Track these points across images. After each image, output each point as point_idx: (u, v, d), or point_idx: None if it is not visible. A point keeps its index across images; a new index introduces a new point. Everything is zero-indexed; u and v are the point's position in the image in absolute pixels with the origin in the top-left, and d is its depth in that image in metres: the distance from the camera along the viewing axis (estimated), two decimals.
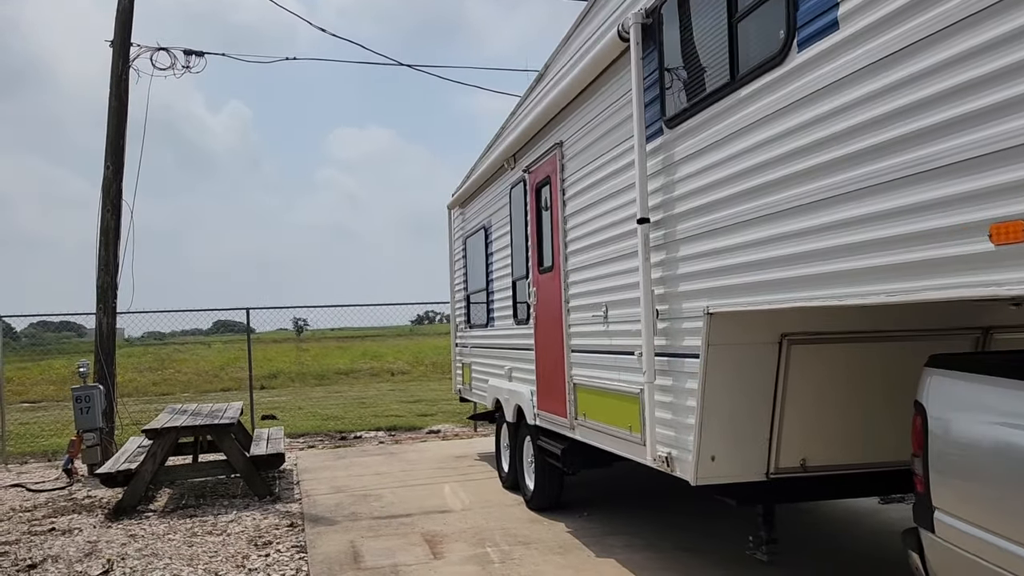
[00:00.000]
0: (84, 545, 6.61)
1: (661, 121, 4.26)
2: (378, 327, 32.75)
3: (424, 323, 58.57)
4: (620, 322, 4.91)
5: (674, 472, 4.22)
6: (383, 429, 13.35)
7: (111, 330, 11.20)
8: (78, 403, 9.66)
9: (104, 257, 11.14)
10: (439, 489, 8.22)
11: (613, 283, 4.99)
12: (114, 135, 11.24)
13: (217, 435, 8.13)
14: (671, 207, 4.18)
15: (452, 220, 10.44)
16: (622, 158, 4.79)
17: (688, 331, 4.05)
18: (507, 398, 7.64)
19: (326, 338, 42.56)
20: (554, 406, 6.24)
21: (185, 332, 55.36)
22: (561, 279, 5.95)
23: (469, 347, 9.59)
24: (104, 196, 11.19)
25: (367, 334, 40.60)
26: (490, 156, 8.28)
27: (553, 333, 6.22)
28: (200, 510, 7.75)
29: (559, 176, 5.98)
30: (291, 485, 8.81)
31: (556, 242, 6.07)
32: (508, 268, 7.60)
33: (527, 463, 7.36)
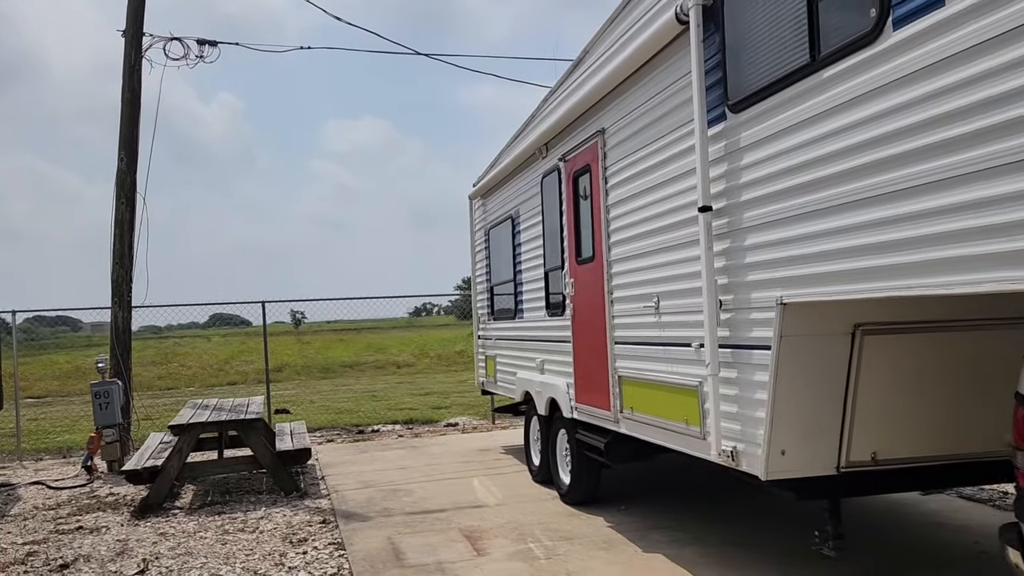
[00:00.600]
0: (114, 544, 6.50)
1: (724, 106, 4.13)
2: (376, 319, 32.67)
3: (422, 315, 58.67)
4: (674, 313, 4.80)
5: (740, 467, 4.11)
6: (400, 422, 13.25)
7: (127, 324, 11.07)
8: (97, 399, 9.54)
9: (119, 250, 11.00)
10: (468, 483, 8.12)
11: (665, 273, 4.87)
12: (127, 126, 11.09)
13: (244, 430, 8.01)
14: (736, 194, 4.06)
15: (473, 211, 10.30)
16: (677, 144, 4.66)
17: (756, 322, 3.94)
18: (539, 391, 7.52)
19: (323, 330, 42.45)
20: (595, 399, 6.12)
21: (182, 326, 55.07)
22: (604, 269, 5.83)
23: (493, 339, 9.47)
24: (118, 188, 11.04)
25: (364, 326, 40.51)
26: (518, 145, 8.14)
27: (593, 325, 6.10)
28: (227, 507, 7.63)
29: (600, 164, 5.85)
30: (316, 480, 8.70)
31: (597, 232, 5.95)
32: (540, 259, 7.47)
33: (561, 456, 7.25)
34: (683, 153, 4.57)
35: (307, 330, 44.33)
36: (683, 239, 4.62)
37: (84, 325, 53.00)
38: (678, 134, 4.63)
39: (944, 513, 6.28)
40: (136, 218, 11.13)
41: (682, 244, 4.64)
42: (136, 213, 11.12)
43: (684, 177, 4.57)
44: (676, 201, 4.69)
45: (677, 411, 4.76)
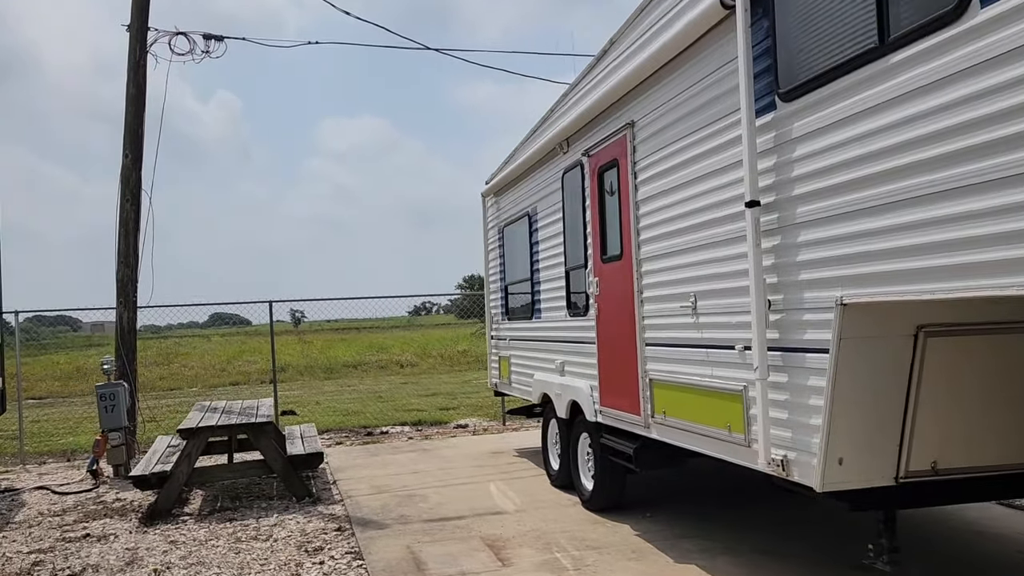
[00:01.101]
0: (123, 553, 6.27)
1: (774, 95, 3.91)
2: (375, 318, 32.45)
3: (421, 314, 58.48)
4: (714, 314, 4.57)
5: (791, 477, 3.89)
6: (408, 424, 13.02)
7: (132, 325, 10.84)
8: (103, 401, 9.30)
9: (124, 249, 10.77)
10: (484, 488, 7.89)
11: (704, 272, 4.65)
12: (133, 122, 10.86)
13: (254, 434, 7.79)
14: (788, 188, 3.84)
15: (487, 209, 10.08)
16: (718, 136, 4.44)
17: (810, 323, 3.71)
18: (559, 393, 7.30)
19: (322, 330, 42.20)
20: (622, 403, 5.90)
21: (182, 325, 54.82)
22: (633, 268, 5.60)
23: (507, 340, 9.25)
24: (123, 186, 10.81)
25: (364, 325, 40.25)
26: (535, 141, 7.92)
27: (621, 326, 5.88)
28: (238, 513, 7.41)
29: (630, 159, 5.63)
30: (327, 485, 8.47)
31: (625, 229, 5.72)
32: (560, 257, 7.24)
33: (583, 461, 7.03)
34: (725, 145, 4.35)
35: (306, 329, 44.10)
36: (725, 236, 4.40)
37: (84, 325, 52.80)
38: (719, 125, 4.41)
39: (982, 521, 6.06)
40: (141, 216, 10.90)
41: (723, 241, 4.42)
42: (141, 211, 10.89)
43: (726, 171, 4.35)
44: (717, 196, 4.46)
45: (717, 417, 4.53)
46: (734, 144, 4.24)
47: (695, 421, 4.82)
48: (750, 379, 4.18)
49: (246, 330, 48.60)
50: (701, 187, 4.64)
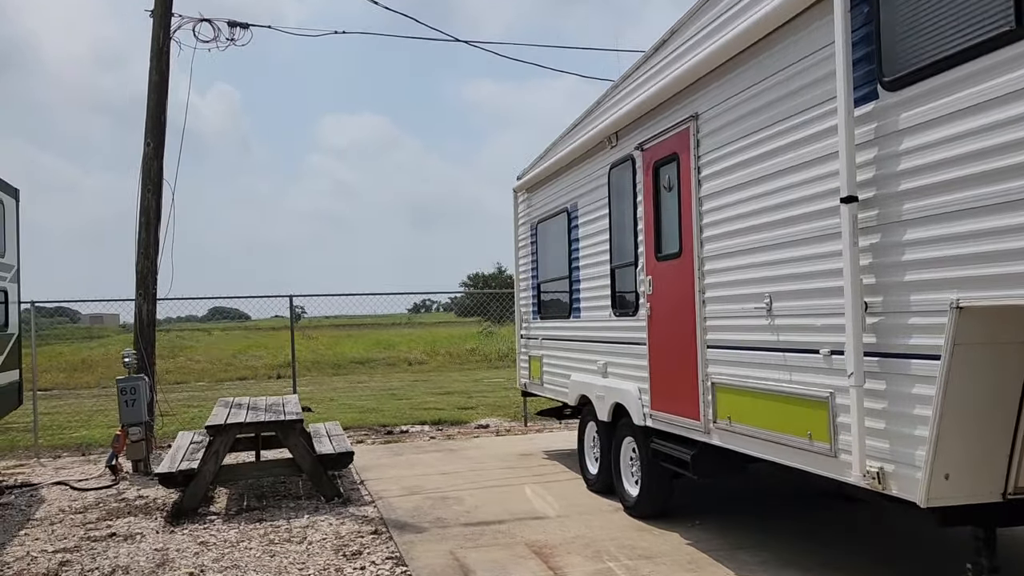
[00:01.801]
0: (152, 554, 6.04)
1: (876, 83, 3.67)
2: (378, 315, 32.16)
3: (420, 311, 58.23)
4: (794, 315, 4.33)
5: (887, 490, 3.65)
6: (428, 423, 12.79)
7: (151, 318, 10.60)
8: (123, 395, 9.07)
9: (144, 240, 10.53)
10: (519, 492, 7.66)
11: (783, 271, 4.41)
12: (155, 110, 10.61)
13: (283, 432, 7.55)
14: (891, 183, 3.60)
15: (517, 205, 9.83)
16: (804, 128, 4.19)
17: (917, 328, 3.48)
18: (601, 395, 7.06)
19: (322, 326, 41.97)
20: (678, 407, 5.66)
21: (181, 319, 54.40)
22: (694, 267, 5.36)
23: (540, 340, 9.01)
24: (144, 175, 10.56)
25: (364, 322, 40.00)
26: (577, 136, 7.68)
27: (678, 327, 5.64)
28: (267, 513, 7.18)
29: (692, 153, 5.39)
30: (355, 485, 8.24)
31: (685, 226, 5.49)
32: (604, 255, 7.00)
33: (626, 466, 6.80)
34: (813, 138, 4.11)
35: (307, 325, 43.84)
36: (809, 233, 4.16)
37: (83, 316, 52.58)
38: (806, 116, 4.17)
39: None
40: (162, 207, 10.66)
41: (807, 239, 4.18)
42: (163, 202, 10.65)
43: (813, 164, 4.11)
44: (801, 191, 4.22)
45: (796, 424, 4.30)
46: (824, 136, 4.00)
47: (767, 428, 4.58)
48: (839, 385, 3.95)
49: (245, 325, 48.39)
50: (781, 182, 4.40)
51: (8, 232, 9.19)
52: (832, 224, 3.94)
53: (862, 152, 3.74)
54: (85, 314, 53.39)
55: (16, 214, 9.56)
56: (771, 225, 4.50)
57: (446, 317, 51.47)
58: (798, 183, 4.24)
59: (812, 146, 4.12)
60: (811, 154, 4.13)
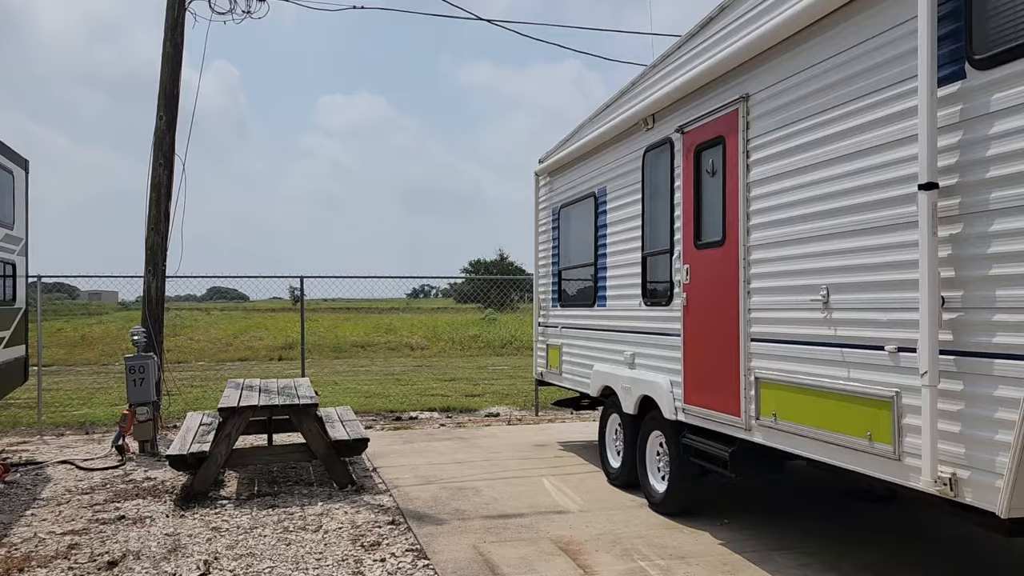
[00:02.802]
0: (163, 539, 5.82)
1: (963, 62, 3.42)
2: (377, 299, 31.87)
3: (420, 296, 57.97)
4: (855, 309, 4.10)
5: (961, 498, 3.43)
6: (436, 410, 12.57)
7: (160, 295, 10.37)
8: (132, 374, 8.84)
9: (155, 215, 10.28)
10: (538, 484, 7.44)
11: (843, 262, 4.17)
12: (168, 83, 10.34)
13: (297, 416, 7.32)
14: (978, 170, 3.36)
15: (538, 189, 9.58)
16: (875, 110, 3.95)
17: (1002, 325, 3.24)
18: (627, 387, 6.83)
19: (320, 308, 41.72)
20: (715, 401, 5.44)
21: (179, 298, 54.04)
22: (739, 255, 5.12)
23: (559, 328, 8.78)
24: (155, 149, 10.30)
25: (362, 306, 39.70)
26: (609, 118, 7.42)
27: (717, 318, 5.41)
28: (279, 499, 6.96)
29: (741, 136, 5.14)
30: (368, 472, 8.02)
31: (731, 213, 5.24)
32: (636, 242, 6.76)
33: (652, 461, 6.58)
34: (887, 120, 3.86)
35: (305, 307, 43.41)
36: (877, 222, 3.92)
37: (81, 293, 52.28)
38: (879, 97, 3.92)
39: None
40: (173, 182, 10.40)
41: (875, 228, 3.94)
42: (174, 177, 10.39)
43: (886, 149, 3.86)
44: (869, 177, 3.98)
45: (854, 424, 4.07)
46: (899, 119, 3.76)
47: (819, 426, 4.35)
48: (906, 384, 3.72)
49: (244, 306, 48.12)
50: (845, 167, 4.15)
51: (17, 204, 8.93)
52: (905, 213, 3.71)
53: (945, 136, 3.50)
54: (84, 290, 53.12)
55: (25, 186, 9.30)
56: (832, 213, 4.26)
57: (445, 303, 51.30)
58: (866, 168, 4.00)
59: (884, 129, 3.87)
60: (883, 138, 3.88)
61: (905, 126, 3.70)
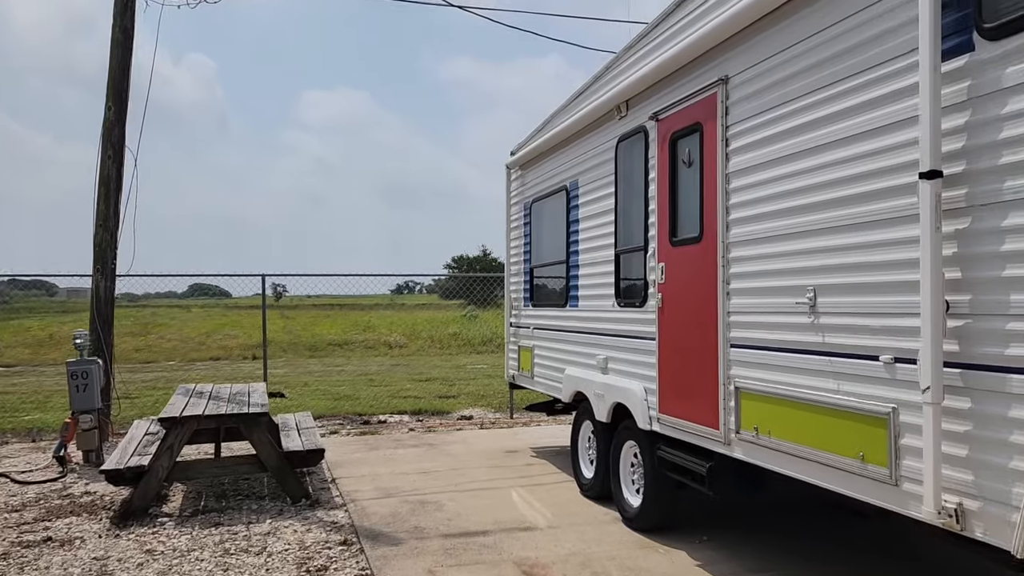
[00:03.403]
0: (89, 564, 5.30)
1: (972, 31, 2.97)
2: (359, 295, 31.38)
3: (404, 292, 57.36)
4: (846, 314, 3.65)
5: (970, 532, 2.99)
6: (407, 412, 12.07)
7: (110, 295, 9.80)
8: (74, 380, 8.29)
9: (103, 211, 9.72)
10: (506, 496, 6.98)
11: (832, 260, 3.72)
12: (118, 71, 9.77)
13: (247, 426, 6.81)
14: (988, 155, 2.91)
15: (510, 182, 9.10)
16: (869, 89, 3.50)
17: (1017, 335, 2.80)
18: (600, 394, 6.38)
19: (303, 305, 41.08)
20: (693, 412, 4.99)
21: (160, 295, 52.99)
22: (718, 253, 4.67)
23: (531, 328, 8.31)
24: (104, 140, 9.74)
25: (345, 302, 39.11)
26: (581, 106, 6.95)
27: (694, 321, 4.96)
28: (225, 516, 6.45)
29: (719, 122, 4.68)
30: (325, 484, 7.53)
31: (709, 206, 4.79)
32: (609, 238, 6.30)
33: (626, 472, 6.14)
34: (883, 100, 3.41)
35: (286, 304, 42.90)
36: (871, 216, 3.47)
37: (60, 290, 51.27)
38: (874, 75, 3.47)
39: None
40: (124, 176, 9.83)
41: (869, 223, 3.49)
42: (124, 170, 9.82)
43: (881, 133, 3.41)
44: (862, 165, 3.53)
45: (844, 443, 3.63)
46: (897, 98, 3.31)
47: (804, 443, 3.91)
48: (905, 400, 3.27)
49: (226, 303, 47.35)
50: (835, 154, 3.70)
51: None
52: (903, 205, 3.26)
53: (950, 117, 3.05)
54: (63, 288, 51.99)
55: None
56: (820, 206, 3.81)
57: (429, 299, 50.82)
58: (860, 155, 3.55)
59: (881, 110, 3.42)
60: (879, 120, 3.43)
61: (905, 106, 3.25)
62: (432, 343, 29.04)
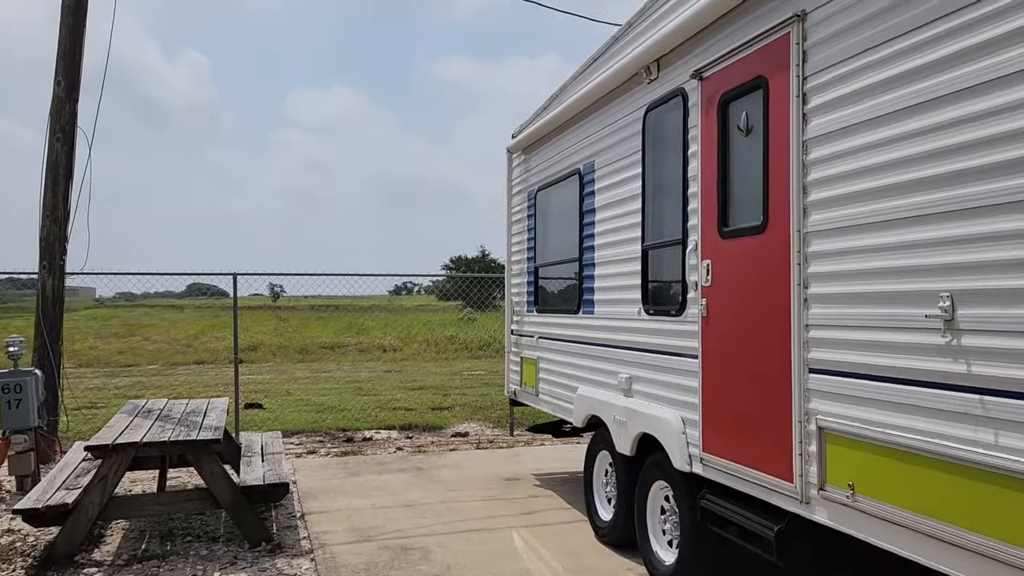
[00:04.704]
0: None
1: None
2: (355, 296, 30.34)
3: (402, 293, 56.33)
4: (1003, 332, 2.51)
5: None
6: (396, 428, 10.91)
7: (57, 295, 8.65)
8: (5, 394, 7.14)
9: (51, 201, 8.57)
10: (506, 538, 5.83)
11: (983, 256, 2.58)
12: (68, 42, 8.62)
13: (196, 455, 5.65)
14: None
15: (511, 169, 7.95)
16: (1017, 13, 2.34)
17: None
18: (621, 420, 5.23)
19: (300, 307, 39.98)
20: (752, 455, 3.83)
21: (157, 294, 51.90)
22: (790, 246, 3.52)
23: (536, 338, 7.15)
24: (52, 121, 8.59)
25: (342, 304, 38.02)
26: (597, 74, 5.81)
27: (754, 335, 3.81)
28: (166, 565, 5.31)
29: (793, 73, 3.53)
30: (292, 520, 6.37)
31: (778, 185, 3.64)
32: (635, 229, 5.15)
33: (654, 520, 4.99)
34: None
35: (283, 304, 41.67)
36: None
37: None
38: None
39: None
40: (75, 161, 8.69)
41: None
42: (75, 154, 8.68)
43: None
44: (1017, 119, 2.38)
45: (1001, 521, 2.48)
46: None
47: (931, 515, 2.75)
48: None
49: (221, 303, 46.12)
50: (973, 105, 2.56)
51: None
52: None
53: None
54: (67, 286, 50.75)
55: None
56: (952, 179, 2.66)
57: (427, 300, 49.87)
58: (1013, 105, 2.40)
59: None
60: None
61: None
62: (428, 347, 27.88)
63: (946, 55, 2.72)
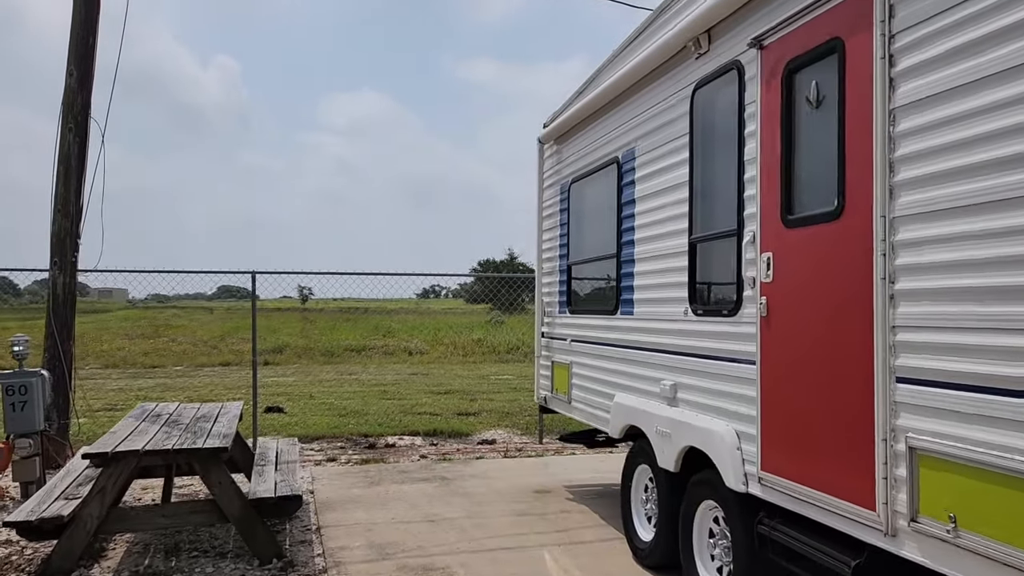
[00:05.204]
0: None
1: None
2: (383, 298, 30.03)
3: (430, 296, 56.12)
4: None
5: None
6: (421, 434, 10.46)
7: (69, 293, 8.33)
8: (9, 396, 6.80)
9: (63, 195, 8.25)
10: (537, 560, 5.35)
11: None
12: (82, 29, 8.31)
13: (202, 465, 5.24)
14: None
15: (543, 160, 7.47)
16: None
17: None
18: (665, 431, 4.72)
19: (329, 308, 39.84)
20: (823, 477, 3.32)
21: (188, 296, 52.33)
22: (873, 235, 3.01)
23: (568, 341, 6.67)
24: (65, 111, 8.28)
25: (371, 305, 37.78)
26: (637, 52, 5.32)
27: (828, 338, 3.30)
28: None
29: (876, 31, 3.02)
30: (307, 533, 5.95)
31: (857, 163, 3.13)
32: (680, 221, 4.66)
33: (703, 543, 4.48)
34: None
35: (312, 307, 41.57)
36: None
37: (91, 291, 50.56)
38: None
39: None
40: (87, 153, 8.37)
41: None
42: (88, 146, 8.36)
43: None
44: None
45: None
46: None
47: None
48: None
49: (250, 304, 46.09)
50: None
51: None
52: None
53: None
54: (94, 288, 51.35)
55: None
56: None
57: (455, 304, 49.64)
58: None
59: None
60: None
61: None
62: (455, 349, 27.50)
63: None
